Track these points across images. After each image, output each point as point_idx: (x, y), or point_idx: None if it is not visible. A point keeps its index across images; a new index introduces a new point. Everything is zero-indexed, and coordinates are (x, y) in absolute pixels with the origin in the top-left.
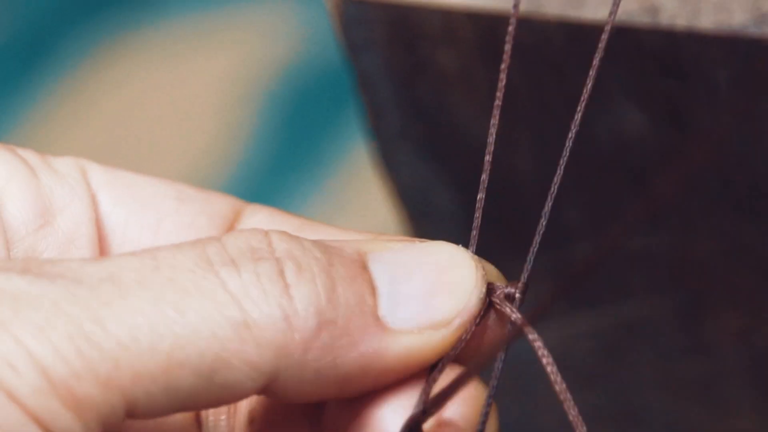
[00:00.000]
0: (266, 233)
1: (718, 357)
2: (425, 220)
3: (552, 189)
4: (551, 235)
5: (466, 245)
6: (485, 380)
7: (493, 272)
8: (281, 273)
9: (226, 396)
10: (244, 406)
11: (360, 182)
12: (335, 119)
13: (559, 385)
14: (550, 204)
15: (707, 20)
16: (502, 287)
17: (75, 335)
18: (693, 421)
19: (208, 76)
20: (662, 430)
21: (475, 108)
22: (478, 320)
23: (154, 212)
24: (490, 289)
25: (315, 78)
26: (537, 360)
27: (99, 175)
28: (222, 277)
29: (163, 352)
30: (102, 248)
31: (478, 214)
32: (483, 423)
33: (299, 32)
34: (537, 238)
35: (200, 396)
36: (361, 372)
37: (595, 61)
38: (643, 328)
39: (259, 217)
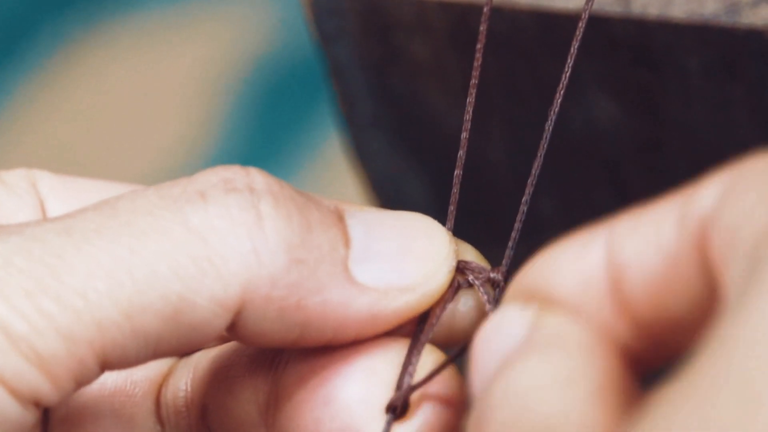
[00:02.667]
0: (246, 168)
1: None
2: (398, 209)
3: (532, 176)
4: (525, 225)
5: None
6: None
7: (472, 252)
8: (255, 205)
9: (195, 337)
10: (198, 401)
11: (333, 172)
12: (308, 109)
13: None
14: (530, 191)
15: (679, 9)
16: (487, 270)
17: (32, 290)
18: None
19: (181, 67)
20: None
21: (448, 97)
22: (450, 297)
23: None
24: (472, 268)
25: (288, 68)
26: None
27: (49, 183)
28: (185, 212)
29: (123, 298)
30: None
31: (452, 208)
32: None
33: (272, 23)
34: (518, 225)
35: (169, 339)
36: (323, 319)
37: (573, 50)
38: None
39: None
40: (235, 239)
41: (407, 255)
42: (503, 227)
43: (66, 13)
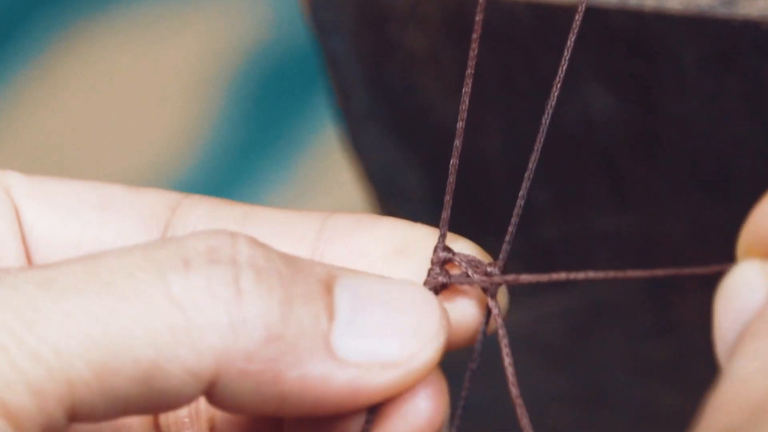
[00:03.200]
0: (234, 235)
1: (687, 338)
2: (393, 200)
3: (529, 170)
4: (520, 216)
5: (432, 224)
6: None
7: (472, 248)
8: (236, 279)
9: (166, 401)
10: (204, 413)
11: (328, 164)
12: (303, 101)
13: (516, 388)
14: (527, 186)
15: (675, 1)
16: (484, 264)
17: (6, 342)
18: (662, 402)
19: (177, 58)
20: (631, 411)
21: (443, 89)
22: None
23: (76, 223)
24: (470, 262)
25: (283, 60)
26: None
27: (23, 187)
28: (168, 279)
29: (96, 359)
30: (30, 264)
31: (448, 197)
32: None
33: (267, 14)
34: (515, 220)
35: (139, 401)
36: (302, 394)
37: (570, 42)
38: (611, 308)
39: (199, 212)
40: (213, 312)
41: (394, 330)
42: (497, 218)
43: (60, 5)
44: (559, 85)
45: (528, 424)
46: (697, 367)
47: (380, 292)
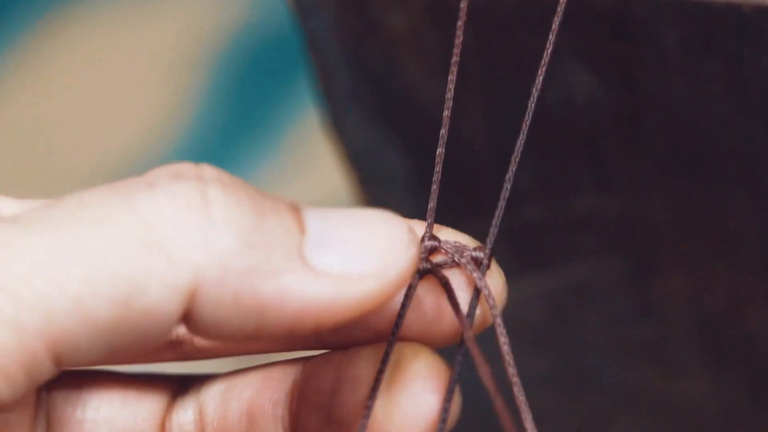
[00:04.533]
0: (197, 164)
1: (668, 320)
2: (375, 182)
3: (515, 155)
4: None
5: (415, 206)
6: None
7: (459, 236)
8: (203, 190)
9: (146, 322)
10: (210, 424)
11: (311, 145)
12: (286, 82)
13: (512, 367)
14: (513, 170)
15: None
16: (470, 249)
17: None
18: (643, 384)
19: (159, 40)
20: (612, 392)
21: (425, 70)
22: (415, 282)
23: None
24: (455, 248)
25: (265, 41)
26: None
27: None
28: (133, 200)
29: (71, 285)
30: None
31: (435, 187)
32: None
33: None
34: (502, 203)
35: (121, 328)
36: (280, 305)
37: (555, 26)
38: (593, 290)
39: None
40: (183, 223)
41: (366, 242)
42: (480, 200)
43: None
44: (544, 68)
45: (524, 401)
46: (678, 349)
47: (346, 214)
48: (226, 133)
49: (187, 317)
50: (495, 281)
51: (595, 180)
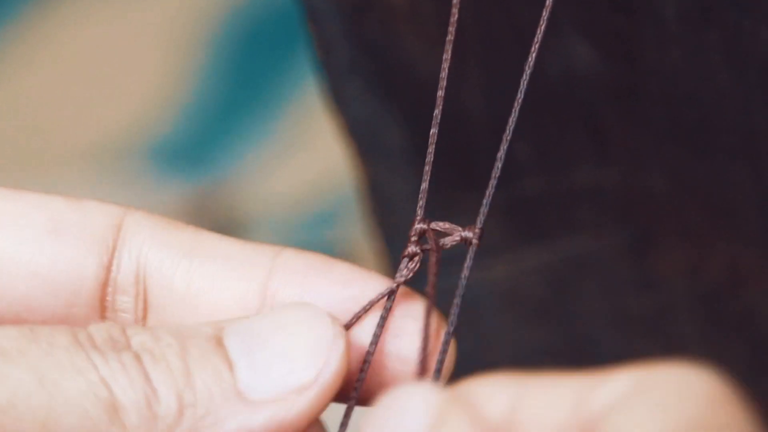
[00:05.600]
0: (122, 328)
1: (667, 292)
2: (374, 154)
3: (506, 132)
4: (502, 171)
5: (413, 178)
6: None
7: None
8: (140, 363)
9: None
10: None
11: (310, 120)
12: (285, 57)
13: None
14: (504, 148)
15: None
16: (460, 230)
17: None
18: (642, 355)
19: (157, 16)
20: (612, 365)
21: (423, 42)
22: (389, 303)
23: (30, 248)
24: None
25: (264, 15)
26: (487, 296)
27: None
28: (94, 360)
29: (38, 423)
30: None
31: (431, 149)
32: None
33: None
34: (492, 182)
35: None
36: None
37: (548, 1)
38: (592, 263)
39: (144, 235)
40: (133, 394)
41: (293, 353)
42: (479, 173)
43: None
44: (537, 46)
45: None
46: (677, 321)
47: (266, 326)
48: (226, 108)
49: None
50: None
51: (594, 152)
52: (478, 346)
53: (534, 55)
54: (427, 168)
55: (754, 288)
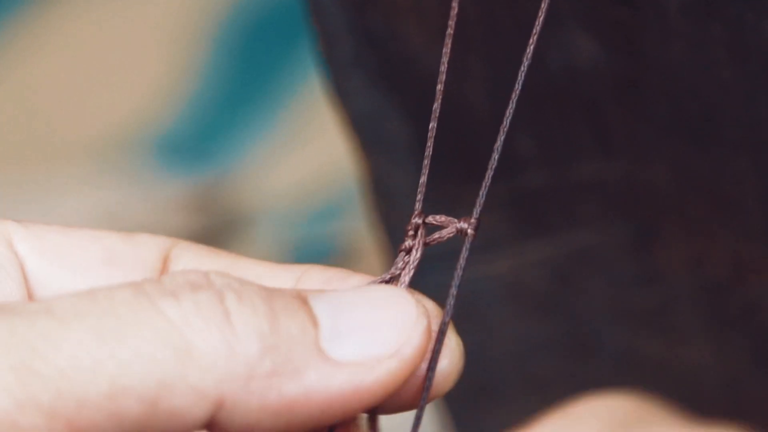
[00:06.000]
0: (205, 271)
1: (670, 285)
2: (377, 147)
3: (504, 123)
4: (504, 164)
5: (416, 171)
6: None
7: (434, 310)
8: (221, 301)
9: (172, 424)
10: None
11: (313, 112)
12: (288, 51)
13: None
14: (502, 138)
15: None
16: (455, 222)
17: (16, 366)
18: (645, 349)
19: (160, 9)
20: (614, 358)
21: (427, 36)
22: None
23: (84, 279)
24: (440, 223)
25: (268, 8)
26: (489, 290)
27: (25, 241)
28: (161, 306)
29: (105, 380)
30: None
31: (429, 143)
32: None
33: None
34: (489, 173)
35: (146, 424)
36: (307, 402)
37: None
38: (595, 256)
39: (187, 259)
40: (208, 333)
41: (377, 324)
42: (483, 166)
43: None
44: (535, 38)
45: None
46: (680, 315)
47: (353, 297)
48: (229, 102)
49: (214, 421)
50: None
51: (597, 145)
52: (481, 339)
53: (532, 47)
54: (426, 162)
55: (757, 281)
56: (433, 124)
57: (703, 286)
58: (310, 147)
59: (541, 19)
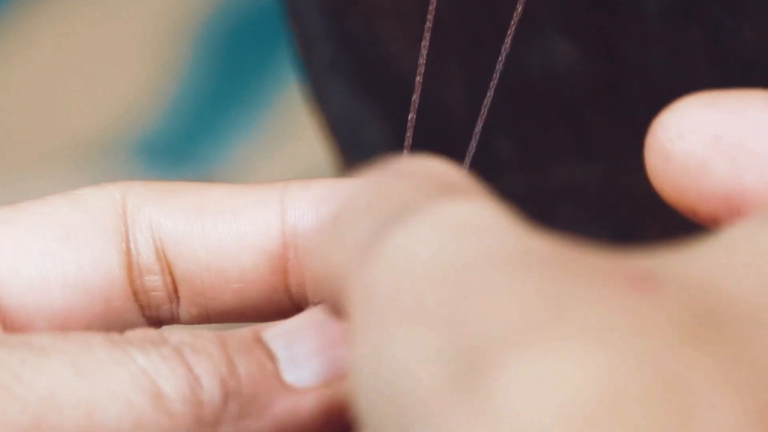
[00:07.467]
0: (158, 330)
1: None
2: (356, 152)
3: (476, 129)
4: (482, 168)
5: None
6: None
7: None
8: (181, 355)
9: None
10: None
11: (294, 116)
12: (269, 53)
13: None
14: (474, 144)
15: None
16: None
17: None
18: None
19: (142, 11)
20: None
21: (406, 39)
22: None
23: (52, 264)
24: None
25: (247, 12)
26: None
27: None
28: (131, 353)
29: (82, 413)
30: None
31: (409, 133)
32: None
33: None
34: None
35: None
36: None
37: None
38: None
39: (148, 212)
40: (177, 382)
41: (332, 343)
42: (462, 169)
43: None
44: (510, 38)
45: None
46: None
47: (301, 320)
48: (211, 102)
49: None
50: None
51: (576, 150)
52: None
53: (506, 51)
54: (405, 153)
55: None
56: (412, 115)
57: None
58: (293, 146)
59: (516, 20)
